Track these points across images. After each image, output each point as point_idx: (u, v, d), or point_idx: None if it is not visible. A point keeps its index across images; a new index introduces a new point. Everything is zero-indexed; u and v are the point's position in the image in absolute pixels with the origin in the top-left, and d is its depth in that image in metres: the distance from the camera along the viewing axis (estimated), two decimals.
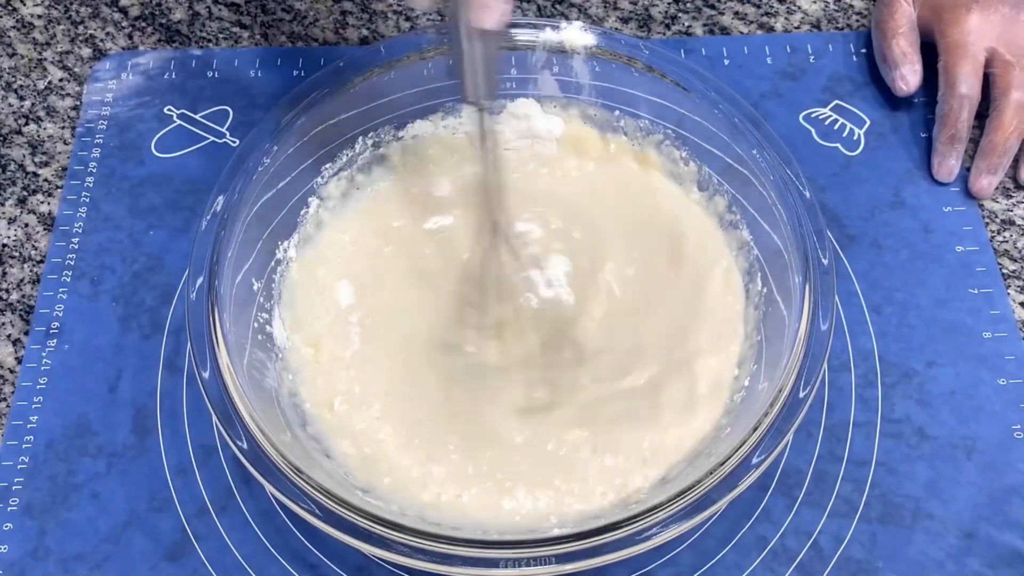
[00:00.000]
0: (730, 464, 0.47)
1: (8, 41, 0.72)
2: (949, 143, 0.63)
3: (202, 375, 0.50)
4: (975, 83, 0.64)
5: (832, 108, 0.68)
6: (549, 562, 0.45)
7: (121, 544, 0.53)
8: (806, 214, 0.54)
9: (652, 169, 0.62)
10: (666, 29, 0.72)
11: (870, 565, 0.52)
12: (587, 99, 0.62)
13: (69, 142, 0.67)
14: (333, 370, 0.56)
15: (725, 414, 0.53)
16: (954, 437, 0.56)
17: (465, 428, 0.54)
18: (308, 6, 0.73)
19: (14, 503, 0.54)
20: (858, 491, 0.54)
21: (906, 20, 0.66)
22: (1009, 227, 0.63)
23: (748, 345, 0.55)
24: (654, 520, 0.46)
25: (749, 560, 0.52)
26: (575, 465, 0.52)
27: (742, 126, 0.57)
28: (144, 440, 0.56)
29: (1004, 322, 0.59)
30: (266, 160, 0.56)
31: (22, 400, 0.57)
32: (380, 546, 0.46)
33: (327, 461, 0.52)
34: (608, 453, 0.52)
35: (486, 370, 0.56)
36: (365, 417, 0.54)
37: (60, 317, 0.60)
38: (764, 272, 0.56)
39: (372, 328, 0.57)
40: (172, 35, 0.72)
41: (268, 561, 0.52)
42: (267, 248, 0.57)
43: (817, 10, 0.73)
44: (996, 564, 0.52)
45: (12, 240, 0.63)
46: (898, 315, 0.60)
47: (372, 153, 0.62)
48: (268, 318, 0.56)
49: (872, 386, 0.57)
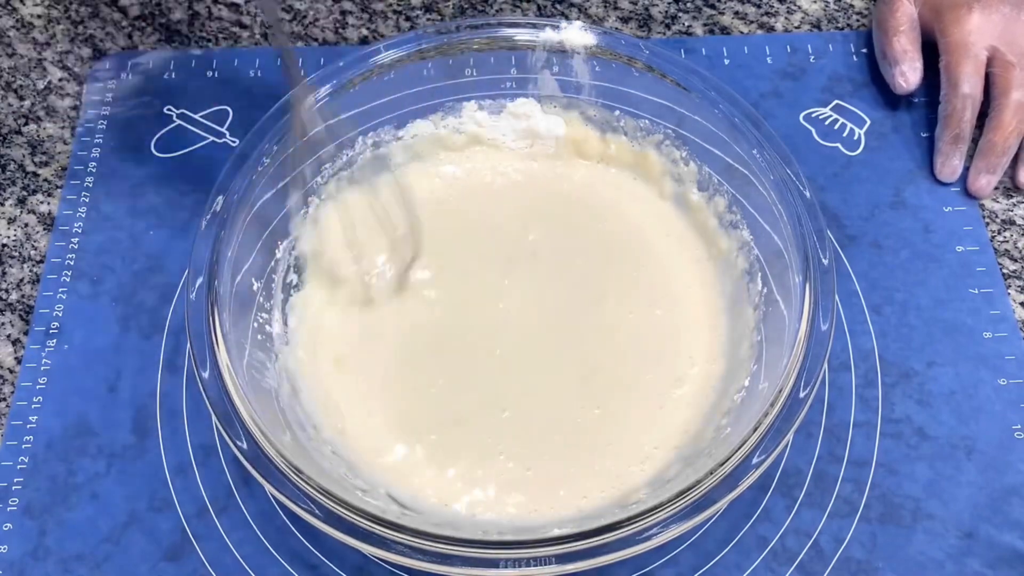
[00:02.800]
0: (730, 464, 0.47)
1: (8, 41, 0.72)
2: (952, 143, 0.63)
3: (202, 375, 0.50)
4: (977, 82, 0.64)
5: (832, 108, 0.68)
6: (549, 562, 0.45)
7: (121, 544, 0.53)
8: (806, 214, 0.54)
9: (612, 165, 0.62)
10: (666, 29, 0.72)
11: (870, 565, 0.52)
12: (587, 99, 0.62)
13: (69, 142, 0.67)
14: (334, 370, 0.56)
15: (725, 414, 0.53)
16: (954, 437, 0.56)
17: (466, 427, 0.54)
18: (308, 6, 0.73)
19: (14, 503, 0.54)
20: (858, 491, 0.54)
21: (907, 18, 0.66)
22: (1009, 227, 0.63)
23: (743, 346, 0.55)
24: (654, 520, 0.46)
25: (749, 560, 0.52)
26: (569, 464, 0.53)
27: (742, 126, 0.57)
28: (144, 440, 0.56)
29: (1004, 322, 0.59)
30: (266, 160, 0.56)
31: (22, 400, 0.57)
32: (380, 546, 0.46)
33: (326, 460, 0.52)
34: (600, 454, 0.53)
35: (487, 368, 0.56)
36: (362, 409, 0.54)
37: (60, 317, 0.60)
38: (764, 272, 0.56)
39: (372, 327, 0.57)
40: (172, 35, 0.72)
41: (268, 561, 0.52)
42: (267, 248, 0.57)
43: (817, 10, 0.73)
44: (996, 564, 0.52)
45: (12, 240, 0.63)
46: (898, 315, 0.60)
47: (372, 153, 0.62)
48: (268, 318, 0.56)
49: (872, 386, 0.57)
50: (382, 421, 0.54)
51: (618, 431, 0.54)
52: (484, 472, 0.53)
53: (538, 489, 0.52)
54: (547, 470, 0.53)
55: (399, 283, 0.58)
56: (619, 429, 0.54)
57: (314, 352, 0.56)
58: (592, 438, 0.54)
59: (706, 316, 0.57)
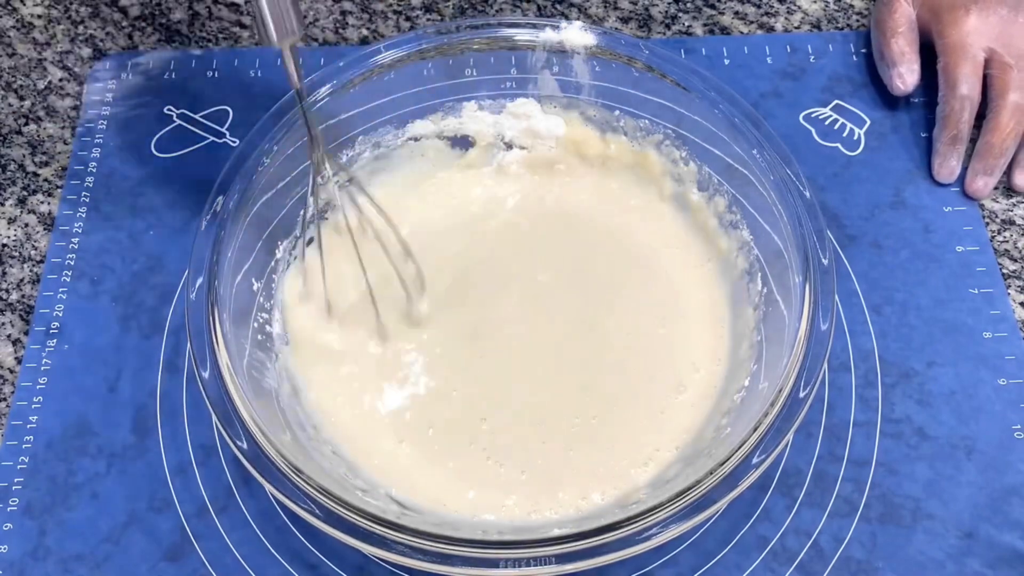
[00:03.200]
0: (730, 464, 0.47)
1: (8, 41, 0.72)
2: (950, 144, 0.63)
3: (202, 375, 0.50)
4: (976, 84, 0.64)
5: (832, 108, 0.68)
6: (549, 562, 0.45)
7: (121, 544, 0.53)
8: (806, 214, 0.54)
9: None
10: (666, 29, 0.72)
11: (870, 565, 0.52)
12: (587, 99, 0.62)
13: (69, 142, 0.67)
14: (335, 371, 0.56)
15: (725, 414, 0.53)
16: (954, 437, 0.56)
17: (466, 428, 0.54)
18: (308, 6, 0.73)
19: (14, 503, 0.54)
20: (858, 491, 0.54)
21: (905, 20, 0.67)
22: (1009, 227, 0.63)
23: (743, 346, 0.55)
24: (654, 520, 0.46)
25: (749, 560, 0.52)
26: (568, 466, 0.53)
27: (742, 126, 0.57)
28: (144, 440, 0.56)
29: (1004, 322, 0.59)
30: (266, 160, 0.56)
31: (22, 400, 0.57)
32: (380, 546, 0.46)
33: (326, 460, 0.52)
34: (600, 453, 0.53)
35: (487, 372, 0.56)
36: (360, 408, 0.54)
37: (60, 317, 0.60)
38: (764, 272, 0.56)
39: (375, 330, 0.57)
40: (172, 35, 0.72)
41: (268, 561, 0.52)
42: (267, 248, 0.57)
43: (817, 10, 0.73)
44: (996, 564, 0.52)
45: (12, 240, 0.63)
46: (898, 315, 0.60)
47: (372, 153, 0.62)
48: (268, 318, 0.56)
49: (872, 386, 0.57)
50: (382, 421, 0.54)
51: (619, 433, 0.54)
52: (484, 473, 0.53)
53: (538, 490, 0.52)
54: (547, 471, 0.53)
55: (409, 319, 0.58)
56: (620, 431, 0.54)
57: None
58: (593, 440, 0.54)
59: (708, 319, 0.57)
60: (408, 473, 0.53)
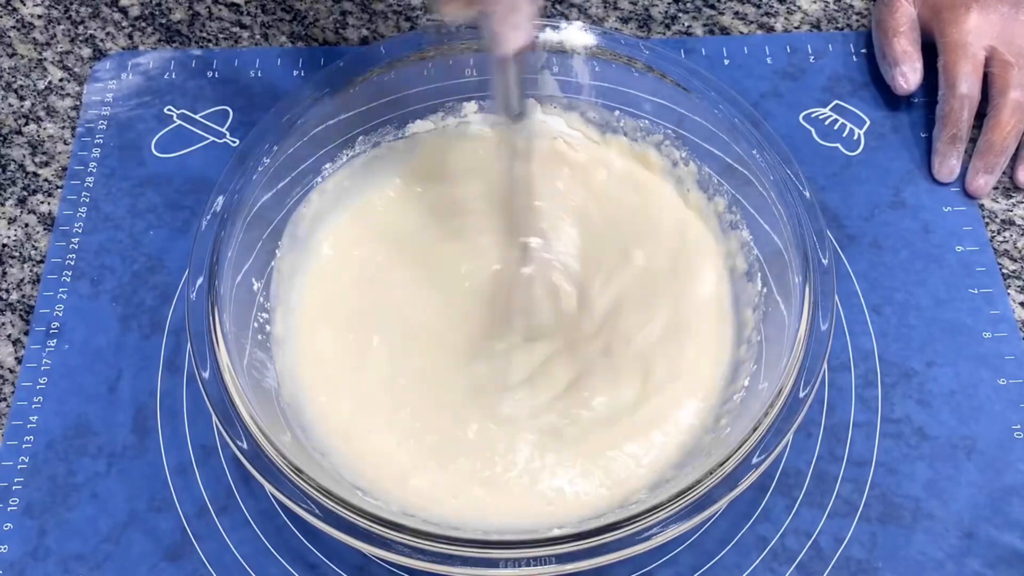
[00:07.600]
0: (730, 464, 0.47)
1: (8, 41, 0.72)
2: (950, 143, 0.63)
3: (202, 375, 0.50)
4: (975, 82, 0.64)
5: (832, 108, 0.68)
6: (549, 562, 0.45)
7: (121, 544, 0.53)
8: (806, 214, 0.54)
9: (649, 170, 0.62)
10: (666, 29, 0.72)
11: (870, 565, 0.52)
12: (587, 99, 0.62)
13: (69, 142, 0.67)
14: (337, 373, 0.56)
15: (725, 414, 0.53)
16: (954, 437, 0.56)
17: (469, 434, 0.54)
18: (308, 6, 0.73)
19: (14, 503, 0.54)
20: (858, 491, 0.54)
21: (907, 19, 0.66)
22: (1009, 227, 0.63)
23: (743, 346, 0.55)
24: (654, 520, 0.46)
25: (749, 560, 0.52)
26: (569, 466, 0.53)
27: (742, 126, 0.57)
28: (144, 440, 0.56)
29: (1004, 322, 0.59)
30: (266, 160, 0.56)
31: (22, 400, 0.57)
32: (380, 546, 0.46)
33: (324, 460, 0.52)
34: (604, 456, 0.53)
35: (494, 378, 0.56)
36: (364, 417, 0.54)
37: (60, 317, 0.60)
38: (764, 272, 0.56)
39: (375, 331, 0.57)
40: (172, 35, 0.72)
41: (268, 561, 0.52)
42: (267, 248, 0.57)
43: (817, 10, 0.73)
44: (996, 564, 0.52)
45: (12, 240, 0.63)
46: (898, 315, 0.60)
47: (372, 153, 0.62)
48: (268, 318, 0.56)
49: (872, 386, 0.57)
50: (382, 421, 0.54)
51: (618, 433, 0.54)
52: (484, 473, 0.53)
53: (538, 490, 0.52)
54: (547, 471, 0.53)
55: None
56: (619, 431, 0.54)
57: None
58: (593, 440, 0.53)
59: (710, 321, 0.57)
60: (408, 473, 0.53)
